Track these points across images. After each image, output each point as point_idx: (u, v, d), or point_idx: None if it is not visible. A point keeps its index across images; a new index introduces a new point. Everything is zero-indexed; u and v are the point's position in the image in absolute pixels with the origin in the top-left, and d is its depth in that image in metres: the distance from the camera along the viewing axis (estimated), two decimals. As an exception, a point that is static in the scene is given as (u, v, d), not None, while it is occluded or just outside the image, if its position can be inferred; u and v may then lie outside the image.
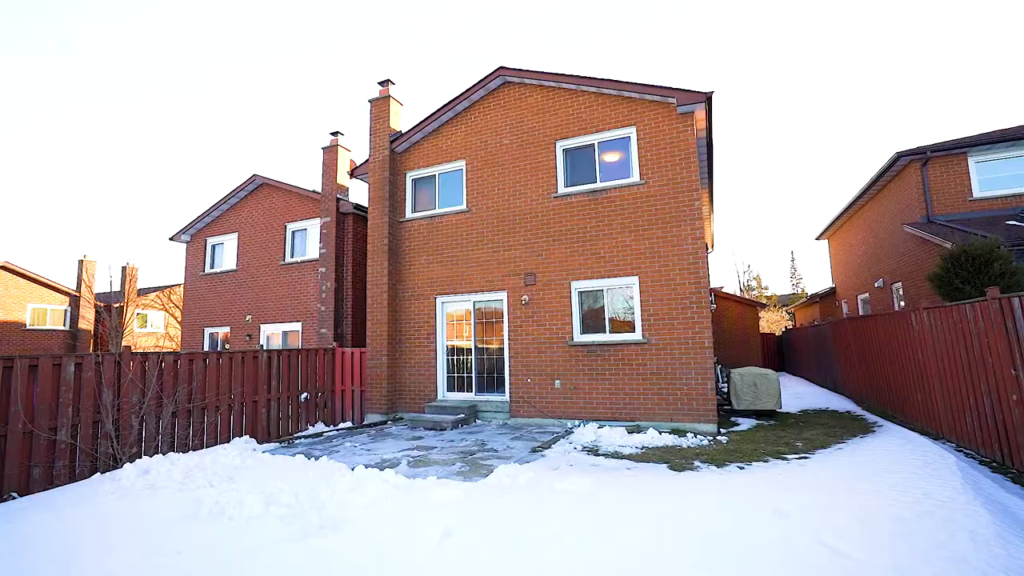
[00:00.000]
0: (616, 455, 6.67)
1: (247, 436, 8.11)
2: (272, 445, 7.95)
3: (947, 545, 3.24)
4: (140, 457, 6.73)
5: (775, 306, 38.00)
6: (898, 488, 4.41)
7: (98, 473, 6.12)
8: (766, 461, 6.10)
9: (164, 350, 9.33)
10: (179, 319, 26.50)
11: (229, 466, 5.52)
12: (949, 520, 3.61)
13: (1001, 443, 5.60)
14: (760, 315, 23.66)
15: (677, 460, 6.24)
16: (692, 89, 8.63)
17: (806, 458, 6.16)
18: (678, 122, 8.96)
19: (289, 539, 3.61)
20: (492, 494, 4.53)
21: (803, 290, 49.40)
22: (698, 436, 7.75)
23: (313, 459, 6.13)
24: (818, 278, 59.45)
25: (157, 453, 6.95)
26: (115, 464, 6.62)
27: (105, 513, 4.28)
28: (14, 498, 5.76)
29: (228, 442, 7.96)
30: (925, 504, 3.97)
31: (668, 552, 3.25)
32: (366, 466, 5.44)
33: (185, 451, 7.24)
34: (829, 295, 21.57)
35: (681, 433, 7.94)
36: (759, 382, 9.62)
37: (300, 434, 9.23)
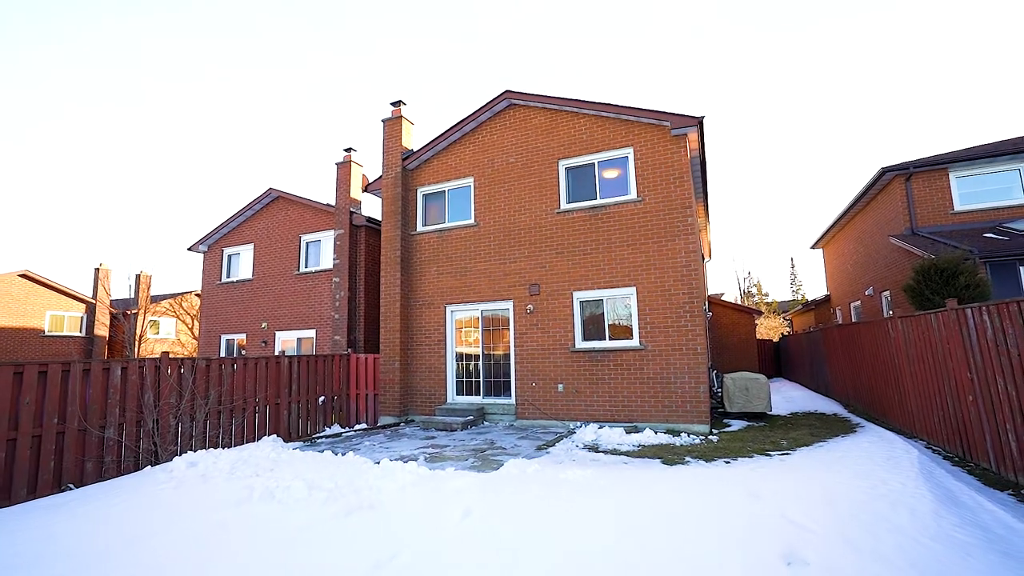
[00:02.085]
0: (615, 452, 7.29)
1: (274, 436, 8.74)
2: (297, 444, 8.58)
3: (890, 519, 3.86)
4: (178, 454, 7.36)
5: (774, 313, 38.59)
6: (861, 477, 5.02)
7: (149, 466, 6.77)
8: (751, 457, 6.71)
9: (184, 356, 10.00)
10: (190, 326, 27.21)
11: (267, 459, 6.15)
12: (897, 502, 4.23)
13: (962, 440, 6.21)
14: (757, 322, 24.25)
15: (670, 456, 6.86)
16: (685, 114, 9.31)
17: (787, 454, 6.77)
18: (672, 143, 9.63)
19: (334, 516, 4.24)
20: (503, 482, 5.15)
21: (803, 296, 49.99)
22: (691, 436, 8.36)
23: (340, 455, 6.77)
24: (817, 285, 59.98)
25: (193, 451, 7.56)
26: (156, 460, 7.25)
27: (168, 498, 4.92)
28: (71, 489, 6.39)
29: (254, 441, 8.59)
30: (881, 489, 4.59)
31: (656, 522, 3.87)
32: (389, 460, 6.06)
33: (217, 448, 7.87)
34: (824, 302, 22.18)
35: (676, 433, 8.56)
36: (750, 386, 10.23)
37: (319, 435, 9.85)
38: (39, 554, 3.87)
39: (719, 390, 11.72)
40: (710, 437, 8.29)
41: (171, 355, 8.03)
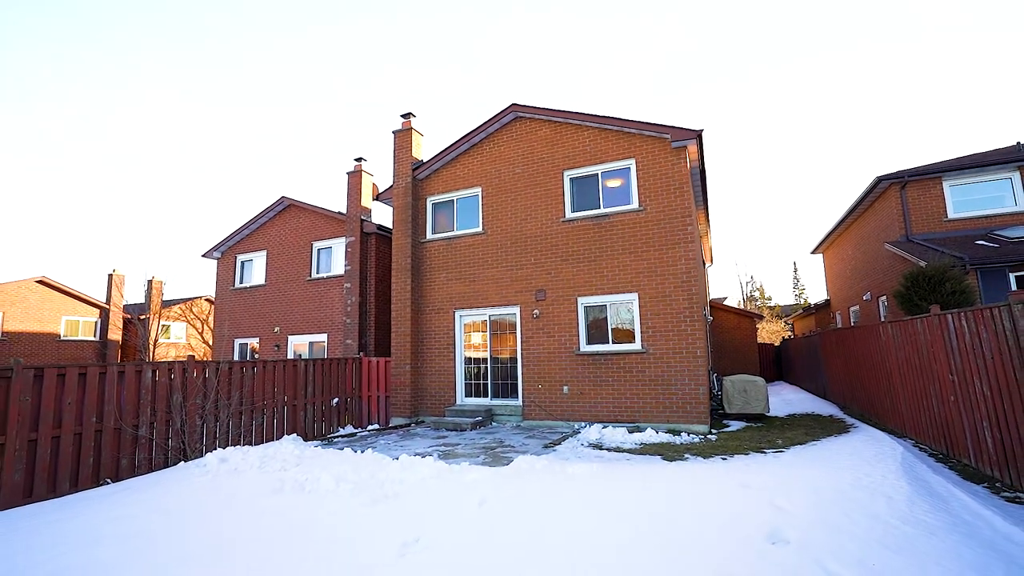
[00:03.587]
0: (618, 450, 7.69)
1: (294, 435, 9.18)
2: (315, 442, 9.00)
3: (867, 506, 4.25)
4: (203, 453, 7.80)
5: (776, 317, 38.88)
6: (846, 470, 5.41)
7: (181, 462, 7.20)
8: (746, 454, 7.09)
9: (208, 360, 10.44)
10: (200, 330, 27.74)
11: (292, 456, 6.57)
12: (876, 491, 4.62)
13: (945, 438, 6.59)
14: (758, 326, 24.57)
15: (670, 453, 7.25)
16: (684, 127, 9.74)
17: (781, 452, 7.16)
18: (673, 155, 10.05)
19: (362, 504, 4.66)
20: (514, 475, 5.56)
21: (805, 300, 50.10)
22: (691, 435, 8.74)
23: (359, 452, 7.17)
24: (820, 288, 60.08)
25: (221, 448, 7.99)
26: (185, 457, 7.69)
27: (207, 489, 5.36)
28: (107, 483, 6.83)
29: (274, 440, 9.02)
30: (863, 481, 4.98)
31: (655, 508, 4.27)
32: (407, 456, 6.48)
33: (240, 446, 8.29)
34: (825, 307, 22.50)
35: (676, 433, 8.94)
36: (748, 388, 10.60)
37: (335, 434, 10.29)
38: (111, 532, 4.30)
39: (719, 392, 12.08)
40: (709, 436, 8.67)
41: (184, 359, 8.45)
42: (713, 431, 9.16)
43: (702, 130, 9.67)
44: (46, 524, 4.84)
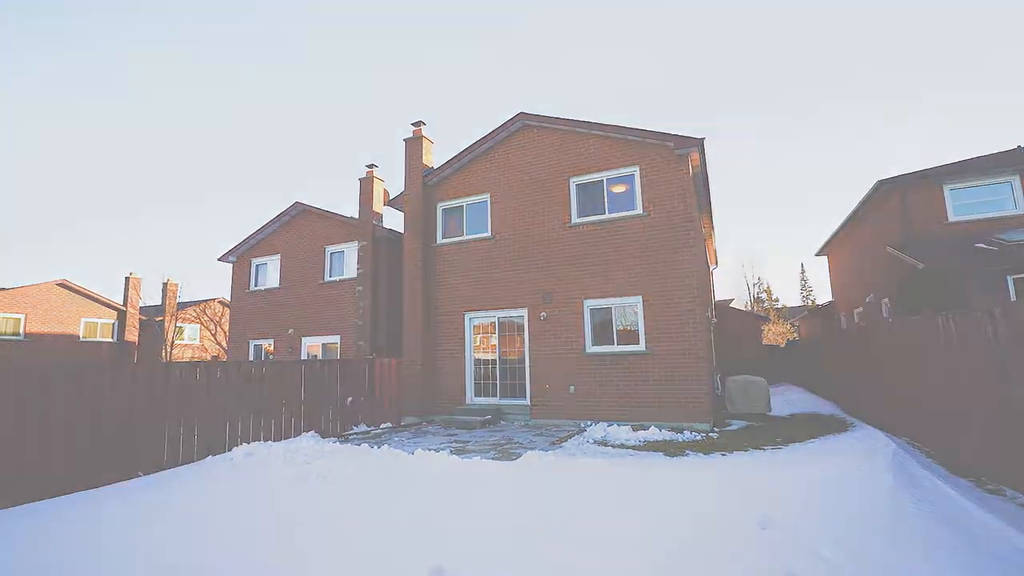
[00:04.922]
0: (622, 446, 8.03)
1: (312, 432, 9.59)
2: (332, 439, 9.40)
3: (853, 495, 4.56)
4: (228, 448, 8.21)
5: (782, 319, 39.00)
6: (838, 465, 5.72)
7: (209, 456, 7.62)
8: (745, 451, 7.41)
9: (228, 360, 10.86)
10: (213, 332, 28.35)
11: (313, 450, 6.96)
12: (863, 482, 4.93)
13: (937, 435, 6.86)
14: (763, 328, 24.76)
15: (672, 450, 7.58)
16: (686, 136, 10.07)
17: (779, 449, 7.46)
18: (675, 162, 10.38)
19: (383, 493, 5.03)
20: (524, 468, 5.91)
21: (813, 301, 50.11)
22: (693, 433, 9.05)
23: (375, 447, 7.55)
24: (827, 290, 59.97)
25: (245, 444, 8.41)
26: (209, 452, 8.11)
27: (239, 479, 5.76)
28: (140, 476, 7.26)
29: (293, 437, 9.42)
30: (853, 474, 5.29)
31: (653, 496, 4.62)
32: (422, 451, 6.86)
33: (262, 442, 8.70)
34: (830, 308, 22.67)
35: (679, 431, 9.26)
36: (750, 388, 10.89)
37: (350, 432, 10.68)
38: (159, 516, 4.71)
39: (722, 392, 12.36)
40: (711, 435, 8.98)
41: (202, 360, 8.89)
42: (715, 430, 9.46)
43: (703, 138, 9.99)
44: (94, 509, 5.24)
